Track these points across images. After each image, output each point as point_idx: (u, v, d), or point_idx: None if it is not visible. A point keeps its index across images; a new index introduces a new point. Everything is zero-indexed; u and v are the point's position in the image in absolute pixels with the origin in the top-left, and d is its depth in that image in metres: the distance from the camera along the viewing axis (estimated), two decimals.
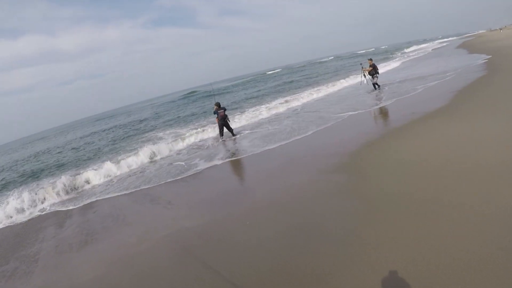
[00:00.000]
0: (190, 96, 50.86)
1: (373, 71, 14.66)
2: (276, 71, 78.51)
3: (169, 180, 8.16)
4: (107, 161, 11.06)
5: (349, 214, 4.22)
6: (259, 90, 31.91)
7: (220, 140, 11.47)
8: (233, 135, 11.75)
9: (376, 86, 14.78)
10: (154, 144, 12.21)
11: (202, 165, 8.82)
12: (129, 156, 11.39)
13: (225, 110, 11.72)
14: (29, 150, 32.79)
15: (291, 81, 33.45)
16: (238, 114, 16.71)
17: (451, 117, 7.49)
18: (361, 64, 16.98)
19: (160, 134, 16.71)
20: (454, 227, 3.36)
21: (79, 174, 10.55)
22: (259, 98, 24.28)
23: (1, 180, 15.39)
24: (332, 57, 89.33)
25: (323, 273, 3.21)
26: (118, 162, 10.83)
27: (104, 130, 29.96)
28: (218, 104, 11.80)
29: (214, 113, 11.75)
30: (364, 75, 15.41)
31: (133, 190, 8.11)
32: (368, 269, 3.07)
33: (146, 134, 18.44)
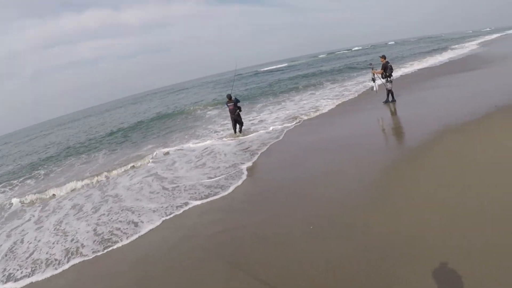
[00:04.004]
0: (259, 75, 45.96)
1: (385, 74, 10.46)
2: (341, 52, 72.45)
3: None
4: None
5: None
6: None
7: (236, 135, 10.35)
8: (240, 131, 10.41)
9: (391, 96, 10.67)
10: None
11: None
12: None
13: (236, 103, 10.20)
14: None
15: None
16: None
17: None
18: (370, 64, 11.64)
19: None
20: None
21: None
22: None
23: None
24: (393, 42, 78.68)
25: None
26: None
27: None
28: (228, 96, 10.50)
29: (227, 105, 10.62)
30: (373, 80, 10.91)
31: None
32: None
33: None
